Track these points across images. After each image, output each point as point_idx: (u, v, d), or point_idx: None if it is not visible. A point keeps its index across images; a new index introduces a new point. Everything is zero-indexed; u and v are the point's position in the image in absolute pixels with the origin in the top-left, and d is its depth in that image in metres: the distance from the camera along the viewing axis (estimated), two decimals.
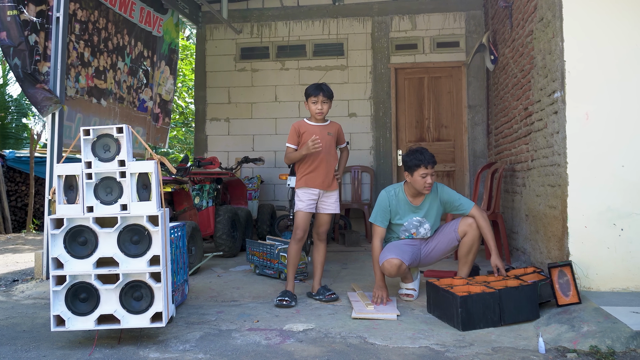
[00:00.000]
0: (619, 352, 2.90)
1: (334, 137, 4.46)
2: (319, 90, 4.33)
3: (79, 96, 6.07)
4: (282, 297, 4.10)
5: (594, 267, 3.86)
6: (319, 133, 4.30)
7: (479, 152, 8.19)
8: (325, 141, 4.33)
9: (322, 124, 4.42)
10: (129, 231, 3.23)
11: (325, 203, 4.41)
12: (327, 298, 4.23)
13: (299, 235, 4.34)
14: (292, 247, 4.37)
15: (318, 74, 8.67)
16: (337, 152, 4.56)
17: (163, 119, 8.44)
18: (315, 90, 4.33)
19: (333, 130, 4.46)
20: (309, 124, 4.40)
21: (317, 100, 4.32)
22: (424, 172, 4.12)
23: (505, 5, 6.08)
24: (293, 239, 4.38)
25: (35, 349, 3.21)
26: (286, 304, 4.05)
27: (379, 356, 2.99)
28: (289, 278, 4.34)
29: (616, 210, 3.87)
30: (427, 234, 4.32)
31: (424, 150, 4.23)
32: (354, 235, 7.39)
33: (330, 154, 4.40)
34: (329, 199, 4.41)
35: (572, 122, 3.96)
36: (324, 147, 4.30)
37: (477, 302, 3.46)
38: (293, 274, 4.36)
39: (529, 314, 3.53)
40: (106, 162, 3.26)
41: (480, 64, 8.02)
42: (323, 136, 4.32)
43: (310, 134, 4.29)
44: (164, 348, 3.18)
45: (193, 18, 8.82)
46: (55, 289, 3.17)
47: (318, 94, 4.32)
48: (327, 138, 4.37)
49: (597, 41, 3.97)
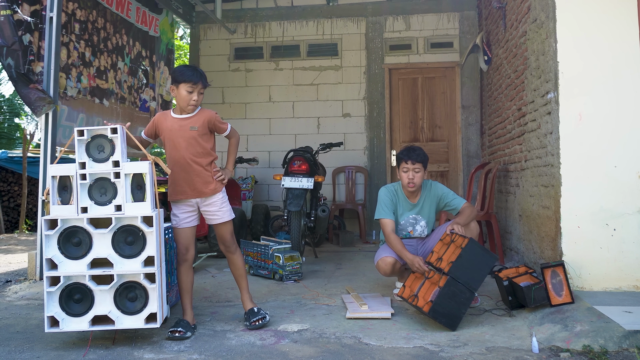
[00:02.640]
0: (611, 351, 2.92)
1: (202, 129, 3.57)
2: (196, 77, 3.52)
3: (81, 96, 6.07)
4: (175, 328, 3.39)
5: (587, 267, 3.88)
6: (177, 129, 3.54)
7: (473, 152, 8.22)
8: (186, 138, 3.54)
9: (187, 115, 3.58)
10: (124, 232, 3.22)
11: (209, 212, 3.65)
12: (252, 325, 3.52)
13: (182, 255, 3.60)
14: (179, 269, 3.62)
15: (312, 74, 8.68)
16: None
17: None
18: (192, 75, 3.51)
19: (201, 122, 3.56)
20: (173, 116, 3.60)
21: (194, 88, 3.51)
22: (405, 166, 4.19)
23: (498, 6, 6.10)
24: (177, 260, 3.67)
25: (29, 350, 3.20)
26: (179, 336, 3.34)
27: (374, 356, 3.00)
28: (183, 305, 3.59)
29: (609, 210, 3.89)
30: (424, 232, 4.33)
31: (413, 147, 4.28)
32: (348, 236, 7.40)
33: (195, 153, 3.55)
34: (210, 207, 3.63)
35: (565, 123, 3.98)
36: (183, 146, 3.53)
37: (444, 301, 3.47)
38: (189, 301, 3.59)
39: (486, 263, 3.59)
40: (100, 162, 3.25)
41: (474, 64, 8.05)
42: (183, 132, 3.55)
43: (169, 130, 3.57)
44: (158, 349, 3.18)
45: (187, 18, 8.81)
46: (49, 290, 3.16)
47: (198, 81, 3.52)
48: (191, 133, 3.54)
49: (591, 42, 3.99)
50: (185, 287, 3.59)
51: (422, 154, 4.23)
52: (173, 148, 3.57)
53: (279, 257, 5.05)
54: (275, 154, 8.51)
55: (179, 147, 3.54)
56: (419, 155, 4.20)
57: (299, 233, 5.73)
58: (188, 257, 3.61)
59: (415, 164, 4.16)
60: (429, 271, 3.73)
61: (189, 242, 3.62)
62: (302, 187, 5.80)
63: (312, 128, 8.64)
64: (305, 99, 8.69)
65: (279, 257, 5.06)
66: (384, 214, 4.22)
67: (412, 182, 4.17)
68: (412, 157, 4.17)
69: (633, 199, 3.87)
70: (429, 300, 3.54)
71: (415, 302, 3.62)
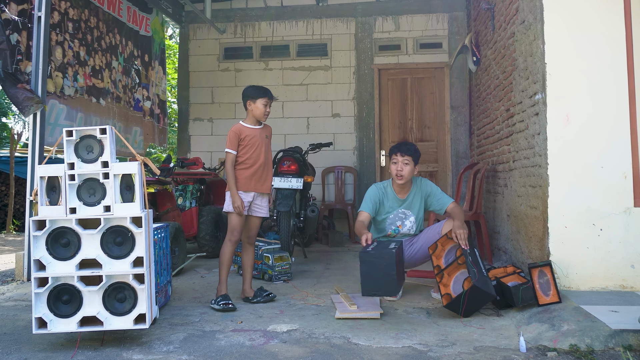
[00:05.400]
0: (598, 350, 2.95)
1: (270, 140, 4.45)
2: (270, 94, 4.34)
3: (78, 95, 6.05)
4: (225, 301, 4.01)
5: (573, 267, 3.92)
6: (258, 136, 4.28)
7: (462, 152, 8.26)
8: (265, 144, 4.32)
9: (259, 126, 4.37)
10: (112, 232, 3.21)
11: (258, 206, 4.35)
12: (264, 298, 4.21)
13: (233, 237, 4.24)
14: (226, 248, 4.23)
15: (302, 75, 8.68)
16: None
17: (163, 119, 8.45)
18: (267, 92, 4.32)
19: (269, 133, 4.45)
20: (249, 127, 4.31)
21: (267, 102, 4.30)
22: (394, 158, 4.34)
23: (487, 8, 6.14)
24: (225, 241, 4.27)
25: (17, 351, 3.18)
26: (232, 307, 3.97)
27: (363, 356, 3.01)
28: (222, 278, 4.20)
29: (595, 210, 3.93)
30: (412, 228, 4.37)
31: (406, 142, 4.47)
32: (338, 236, 7.41)
33: (269, 157, 4.37)
34: (263, 201, 4.38)
35: (552, 124, 4.01)
36: (264, 150, 4.29)
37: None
38: (226, 275, 4.22)
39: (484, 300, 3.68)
40: (89, 163, 3.24)
41: (463, 65, 8.09)
42: (262, 139, 4.31)
43: (252, 137, 4.25)
44: (147, 349, 3.17)
45: (176, 17, 8.78)
46: (37, 291, 3.14)
47: (272, 97, 4.35)
48: (266, 141, 4.35)
49: (578, 44, 4.03)
50: (227, 263, 4.20)
51: (414, 148, 4.35)
52: (255, 151, 4.24)
53: (268, 257, 5.05)
54: None
55: (260, 150, 4.26)
56: (410, 149, 4.32)
57: (288, 233, 5.73)
58: (237, 240, 4.25)
59: (405, 156, 4.28)
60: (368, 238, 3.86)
61: (240, 226, 4.25)
62: (291, 188, 5.81)
63: (302, 128, 8.65)
64: (294, 99, 8.70)
65: (268, 257, 5.06)
66: (364, 207, 4.35)
67: (400, 174, 4.25)
68: (402, 149, 4.29)
69: (619, 199, 3.91)
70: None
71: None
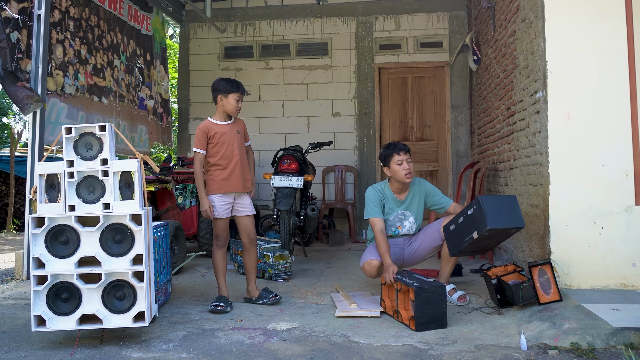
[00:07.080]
0: (599, 348, 2.94)
1: (243, 135, 4.22)
2: (243, 88, 4.14)
3: (79, 94, 6.04)
4: (217, 303, 3.91)
5: (575, 265, 3.90)
6: (229, 132, 4.08)
7: (462, 151, 8.25)
8: (237, 140, 4.11)
9: (229, 122, 4.14)
10: (112, 230, 3.20)
11: (242, 205, 4.16)
12: (271, 300, 4.09)
13: (219, 242, 4.12)
14: (215, 254, 4.11)
15: (302, 74, 8.68)
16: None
17: (166, 117, 8.44)
18: (239, 86, 4.10)
19: (241, 127, 4.22)
20: (218, 123, 4.10)
21: (240, 97, 4.09)
22: (398, 158, 4.23)
23: (488, 6, 6.13)
24: (213, 246, 4.15)
25: (16, 349, 3.17)
26: (221, 309, 3.87)
27: (363, 354, 3.00)
28: (220, 284, 4.11)
29: (597, 208, 3.91)
30: (412, 229, 4.35)
31: (395, 142, 4.37)
32: (338, 235, 7.40)
33: (243, 153, 4.16)
34: (245, 200, 4.18)
35: (553, 122, 4.00)
36: (237, 146, 4.09)
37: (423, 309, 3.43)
38: (224, 280, 4.12)
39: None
40: (88, 160, 3.23)
41: (464, 64, 8.08)
42: (233, 135, 4.10)
43: (222, 134, 4.05)
44: (146, 348, 3.16)
45: (176, 17, 8.77)
46: (36, 289, 3.13)
47: (244, 92, 4.15)
48: (238, 137, 4.13)
49: (579, 42, 4.01)
50: (221, 268, 4.09)
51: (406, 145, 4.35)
52: (227, 148, 4.04)
53: (269, 256, 5.05)
54: (265, 153, 8.49)
55: (233, 147, 4.05)
56: (407, 146, 4.31)
57: (288, 232, 5.73)
58: (223, 244, 4.11)
59: (407, 154, 4.26)
60: (396, 283, 3.69)
61: (225, 231, 4.11)
62: (291, 186, 5.80)
63: (302, 127, 8.64)
64: (295, 98, 8.69)
65: (268, 256, 5.05)
66: (373, 213, 4.22)
67: (409, 172, 4.21)
68: (403, 148, 4.26)
69: (620, 197, 3.90)
70: (410, 317, 3.49)
71: (400, 319, 3.60)
